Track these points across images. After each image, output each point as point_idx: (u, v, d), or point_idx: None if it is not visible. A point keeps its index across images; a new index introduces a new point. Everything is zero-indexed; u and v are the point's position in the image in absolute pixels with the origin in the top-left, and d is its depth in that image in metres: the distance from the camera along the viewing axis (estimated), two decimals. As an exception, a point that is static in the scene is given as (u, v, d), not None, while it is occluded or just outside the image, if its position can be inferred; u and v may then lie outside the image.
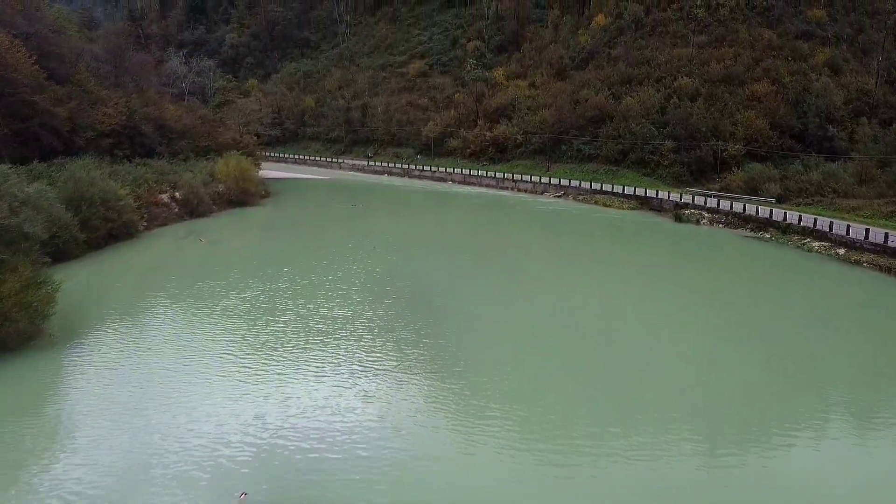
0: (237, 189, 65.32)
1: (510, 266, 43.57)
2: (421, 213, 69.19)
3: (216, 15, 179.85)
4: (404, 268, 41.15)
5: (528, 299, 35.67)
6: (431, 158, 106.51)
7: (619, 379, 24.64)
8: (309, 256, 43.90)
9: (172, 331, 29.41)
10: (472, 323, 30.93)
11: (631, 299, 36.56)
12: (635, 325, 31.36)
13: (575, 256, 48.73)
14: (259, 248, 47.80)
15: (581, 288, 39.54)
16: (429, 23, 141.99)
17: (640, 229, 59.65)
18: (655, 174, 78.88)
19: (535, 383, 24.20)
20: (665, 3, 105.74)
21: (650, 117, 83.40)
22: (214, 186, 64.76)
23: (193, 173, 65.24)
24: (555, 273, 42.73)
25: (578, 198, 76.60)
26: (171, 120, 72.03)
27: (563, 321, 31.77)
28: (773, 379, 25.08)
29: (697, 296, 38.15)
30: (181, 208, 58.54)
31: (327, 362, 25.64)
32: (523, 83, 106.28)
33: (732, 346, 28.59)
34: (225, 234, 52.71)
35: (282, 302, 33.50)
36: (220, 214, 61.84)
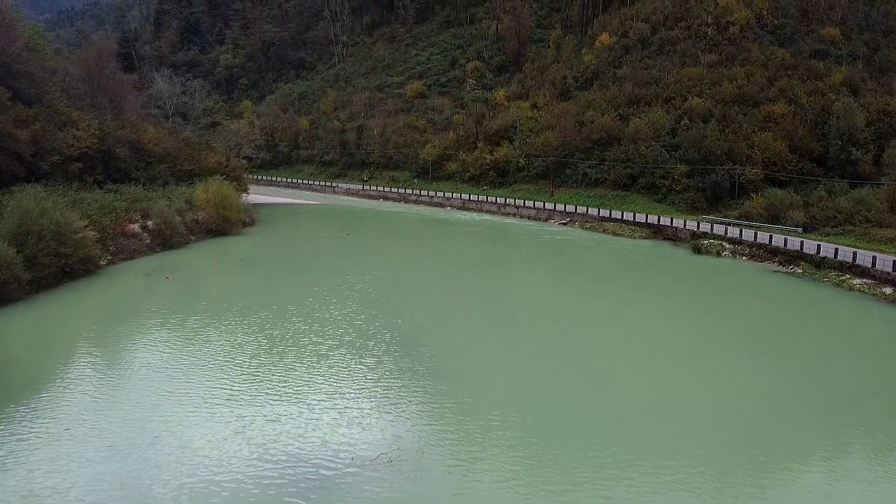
0: (217, 217, 60.27)
1: (514, 308, 38.39)
2: (417, 244, 64.06)
3: (211, 36, 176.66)
4: (396, 313, 35.92)
5: (536, 342, 31.16)
6: (429, 182, 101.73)
7: (628, 424, 22.86)
8: (287, 298, 38.67)
9: (111, 396, 24.15)
10: (472, 382, 25.73)
11: (649, 343, 32.22)
12: (652, 370, 28.22)
13: (586, 293, 43.55)
14: (232, 287, 42.48)
15: (594, 328, 35.05)
16: (427, 43, 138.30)
17: (656, 262, 54.50)
18: (667, 200, 73.92)
19: (542, 430, 22.25)
20: (672, 22, 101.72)
21: (660, 140, 78.73)
22: (192, 214, 59.75)
23: (171, 200, 60.36)
24: (565, 312, 37.63)
25: (586, 225, 71.56)
26: (149, 143, 67.21)
27: (575, 363, 28.91)
28: (802, 433, 22.53)
29: (722, 339, 33.31)
30: (153, 239, 53.43)
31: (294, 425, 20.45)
32: (525, 104, 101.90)
33: (762, 401, 25.01)
34: (197, 269, 47.47)
35: (242, 359, 28.24)
36: (197, 245, 56.68)
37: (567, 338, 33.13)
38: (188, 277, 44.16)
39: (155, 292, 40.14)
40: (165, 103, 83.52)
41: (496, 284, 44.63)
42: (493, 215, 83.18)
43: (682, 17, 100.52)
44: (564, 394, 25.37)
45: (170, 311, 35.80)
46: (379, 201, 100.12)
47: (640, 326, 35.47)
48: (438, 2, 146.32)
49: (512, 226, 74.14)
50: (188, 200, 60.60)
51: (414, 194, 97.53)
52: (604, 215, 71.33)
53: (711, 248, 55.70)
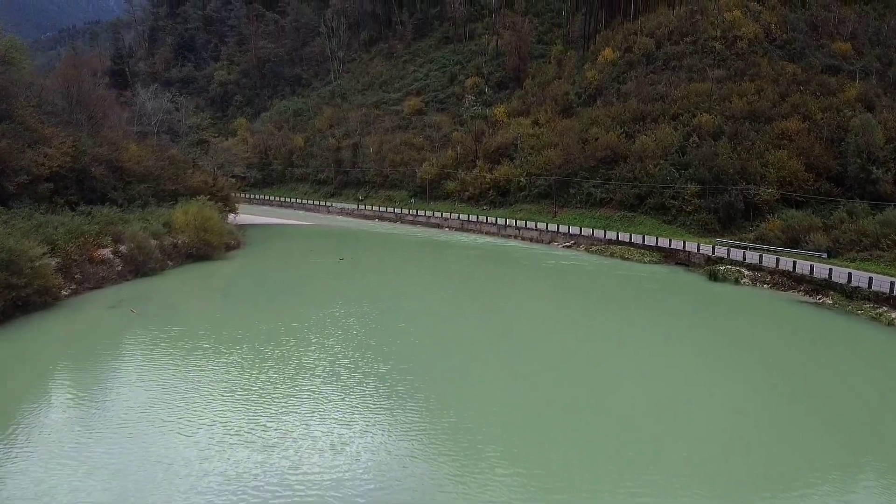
0: (197, 241, 56.18)
1: (521, 353, 34.23)
2: (412, 271, 59.86)
3: (206, 52, 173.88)
4: (383, 356, 31.78)
5: (545, 383, 27.85)
6: (426, 202, 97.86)
7: (640, 453, 21.89)
8: (263, 335, 34.53)
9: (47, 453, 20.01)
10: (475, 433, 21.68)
11: (666, 380, 29.20)
12: (670, 410, 26.05)
13: (597, 324, 39.35)
14: (201, 322, 38.23)
15: (607, 362, 31.55)
16: (425, 59, 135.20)
17: (670, 290, 50.38)
18: (677, 221, 69.97)
19: (549, 464, 21.12)
20: (677, 37, 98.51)
21: (669, 158, 74.98)
22: (170, 238, 55.71)
23: (149, 222, 56.39)
24: (576, 346, 33.56)
25: (591, 248, 67.53)
26: (129, 161, 63.34)
27: (590, 400, 27.00)
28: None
29: (746, 378, 29.50)
30: (125, 265, 49.32)
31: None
32: (526, 121, 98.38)
33: (784, 439, 23.09)
34: (167, 300, 43.27)
35: (206, 410, 24.10)
36: (174, 272, 52.54)
37: (579, 372, 29.57)
38: (155, 310, 39.95)
39: (115, 328, 35.94)
40: (151, 120, 79.81)
41: (499, 321, 40.39)
42: (492, 237, 79.18)
43: (688, 32, 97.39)
44: (577, 427, 24.03)
45: (124, 352, 31.67)
46: (374, 222, 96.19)
47: (656, 361, 31.66)
48: (437, 17, 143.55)
49: (513, 249, 70.09)
50: (166, 223, 56.59)
51: (410, 215, 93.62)
52: (610, 238, 67.32)
53: (729, 274, 51.61)
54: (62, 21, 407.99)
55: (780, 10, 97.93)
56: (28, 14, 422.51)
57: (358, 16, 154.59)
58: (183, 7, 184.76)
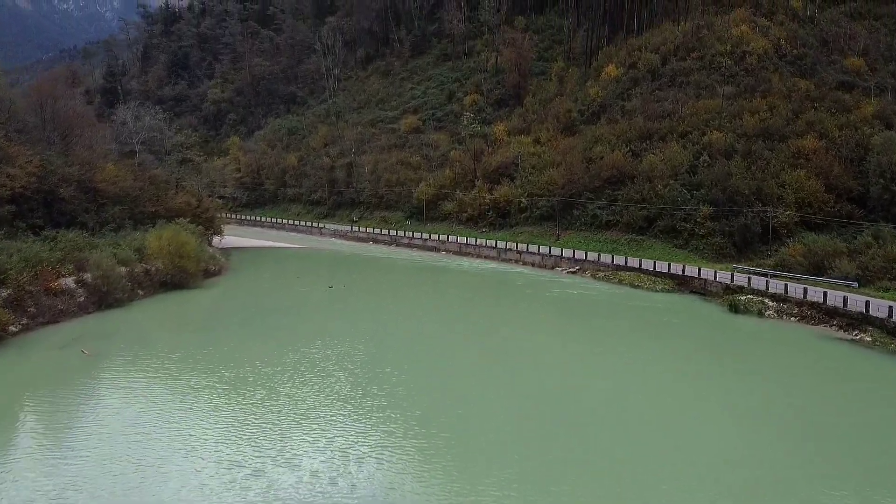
0: (172, 268, 51.74)
1: (527, 394, 29.72)
2: (406, 300, 55.18)
3: (199, 70, 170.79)
4: (365, 412, 27.25)
5: (557, 433, 24.09)
6: (423, 224, 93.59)
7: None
8: (228, 384, 30.00)
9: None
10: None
11: (691, 428, 25.69)
12: (695, 460, 23.10)
13: (611, 365, 34.77)
14: (156, 368, 33.40)
15: (622, 408, 27.29)
16: (423, 77, 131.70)
17: (688, 324, 45.87)
18: (690, 245, 65.62)
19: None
20: (683, 52, 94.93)
21: (679, 178, 70.84)
22: (142, 265, 51.29)
23: (121, 247, 52.05)
24: (587, 393, 28.98)
25: (598, 274, 63.08)
26: (102, 182, 59.13)
27: (601, 451, 23.86)
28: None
29: (782, 430, 25.51)
30: (88, 296, 44.87)
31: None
32: (527, 139, 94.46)
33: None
34: (129, 337, 38.58)
35: (157, 476, 19.58)
36: (144, 303, 48.03)
37: (596, 420, 25.94)
38: (112, 350, 35.33)
39: (57, 375, 31.28)
40: (132, 138, 75.84)
41: (503, 364, 35.71)
42: (492, 262, 74.74)
43: (694, 48, 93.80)
44: (597, 481, 21.56)
45: (60, 408, 27.09)
46: (368, 244, 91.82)
47: (679, 406, 27.33)
48: (435, 35, 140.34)
49: (515, 275, 65.60)
50: (139, 248, 52.19)
51: (406, 237, 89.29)
52: (618, 263, 62.89)
53: (751, 305, 47.10)
54: (63, 41, 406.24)
55: (788, 26, 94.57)
56: (30, 34, 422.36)
57: (355, 33, 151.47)
58: (177, 25, 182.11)
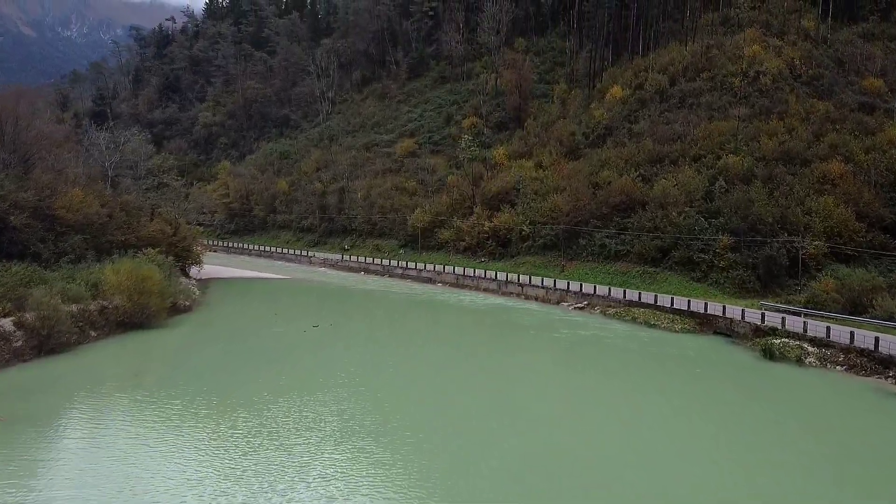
0: (131, 305, 45.91)
1: (544, 469, 23.74)
2: (398, 342, 48.98)
3: (191, 93, 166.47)
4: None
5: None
6: (418, 253, 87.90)
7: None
8: (176, 459, 24.06)
9: None
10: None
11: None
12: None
13: (640, 431, 28.82)
14: (95, 433, 27.69)
15: (660, 484, 20.61)
16: (420, 99, 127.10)
17: (716, 374, 39.95)
18: (709, 278, 59.87)
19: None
20: (692, 73, 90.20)
21: (694, 204, 65.37)
22: (99, 301, 45.45)
23: (76, 281, 46.28)
24: (613, 464, 23.02)
25: (609, 311, 57.22)
26: (62, 208, 53.56)
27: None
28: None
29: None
30: (27, 340, 39.00)
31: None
32: (528, 163, 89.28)
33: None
34: (64, 392, 32.56)
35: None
36: (94, 346, 42.07)
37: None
38: (35, 412, 29.36)
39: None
40: (104, 161, 70.52)
41: (513, 433, 29.85)
42: (492, 295, 68.89)
43: (704, 68, 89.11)
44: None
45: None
46: (360, 275, 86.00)
47: (728, 480, 21.11)
48: (433, 57, 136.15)
49: (517, 311, 59.74)
50: (96, 283, 46.39)
51: (400, 267, 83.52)
52: (631, 298, 57.05)
53: (788, 350, 41.19)
54: (66, 67, 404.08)
55: (802, 46, 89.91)
56: (33, 61, 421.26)
57: (351, 55, 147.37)
58: (170, 48, 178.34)
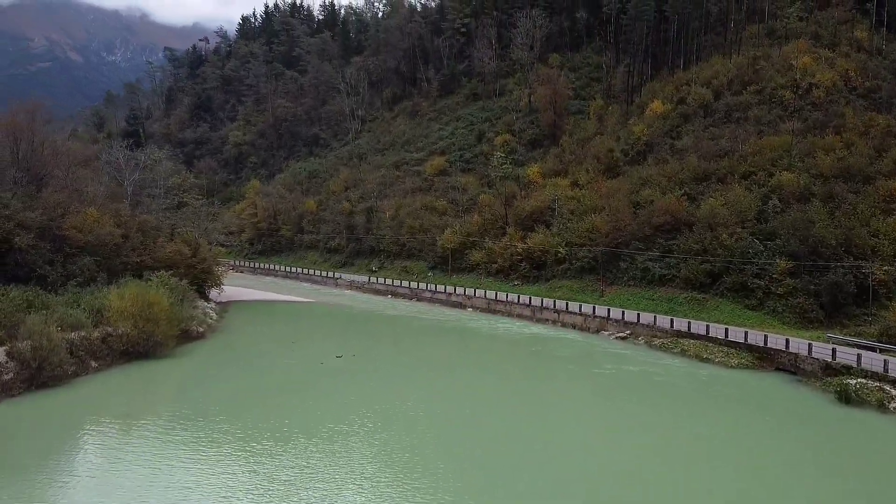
0: (137, 333, 42.68)
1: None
2: (423, 376, 44.88)
3: (223, 112, 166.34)
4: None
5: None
6: (448, 275, 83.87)
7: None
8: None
9: None
10: None
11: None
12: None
13: (703, 492, 24.21)
14: (69, 489, 24.07)
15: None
16: (452, 117, 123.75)
17: (786, 421, 34.87)
18: (765, 307, 54.57)
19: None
20: (738, 86, 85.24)
21: (747, 225, 60.28)
22: (102, 328, 42.33)
23: (80, 308, 43.32)
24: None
25: (654, 341, 52.28)
26: (71, 228, 50.94)
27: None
28: None
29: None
30: (19, 372, 35.85)
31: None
32: (564, 181, 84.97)
33: None
34: (46, 435, 29.15)
35: None
36: (96, 378, 38.85)
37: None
38: (15, 459, 25.90)
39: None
40: (123, 179, 68.31)
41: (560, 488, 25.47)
42: (526, 321, 64.36)
43: (751, 81, 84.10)
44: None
45: None
46: (387, 298, 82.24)
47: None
48: (465, 73, 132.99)
49: (554, 341, 55.18)
50: (100, 309, 43.33)
51: (428, 290, 79.52)
52: (679, 328, 52.04)
53: (867, 394, 35.94)
54: (105, 87, 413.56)
55: (856, 57, 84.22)
56: (79, 85, 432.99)
57: (381, 73, 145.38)
58: (202, 68, 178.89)
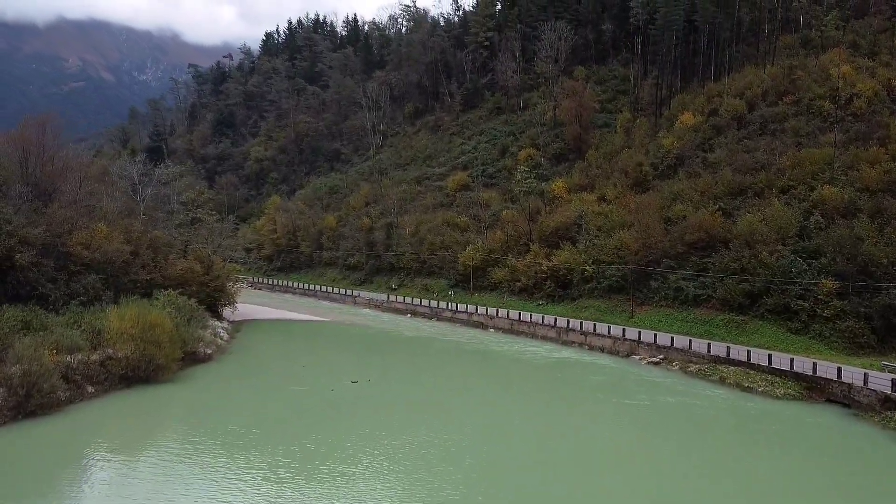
0: (138, 355, 40.25)
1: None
2: (441, 404, 41.75)
3: (245, 128, 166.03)
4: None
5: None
6: (469, 294, 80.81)
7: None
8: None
9: None
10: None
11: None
12: None
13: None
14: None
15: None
16: (475, 131, 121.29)
17: (847, 464, 31.17)
18: (810, 330, 50.60)
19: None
20: (774, 97, 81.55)
21: (788, 242, 56.47)
22: (100, 351, 39.99)
23: (79, 329, 41.10)
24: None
25: (690, 367, 48.60)
26: (76, 245, 48.97)
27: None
28: None
29: None
30: (8, 397, 33.54)
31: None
32: (590, 196, 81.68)
33: None
34: (19, 475, 26.69)
35: None
36: (91, 405, 36.40)
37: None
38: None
39: None
40: (137, 193, 66.68)
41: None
42: (551, 343, 60.97)
43: (787, 91, 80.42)
44: None
45: None
46: (406, 317, 79.34)
47: None
48: (488, 87, 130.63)
49: (580, 366, 51.73)
50: (99, 331, 41.05)
51: (449, 310, 76.46)
52: (717, 353, 48.29)
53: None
54: (129, 102, 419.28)
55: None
56: (110, 104, 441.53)
57: (403, 87, 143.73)
58: (226, 84, 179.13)
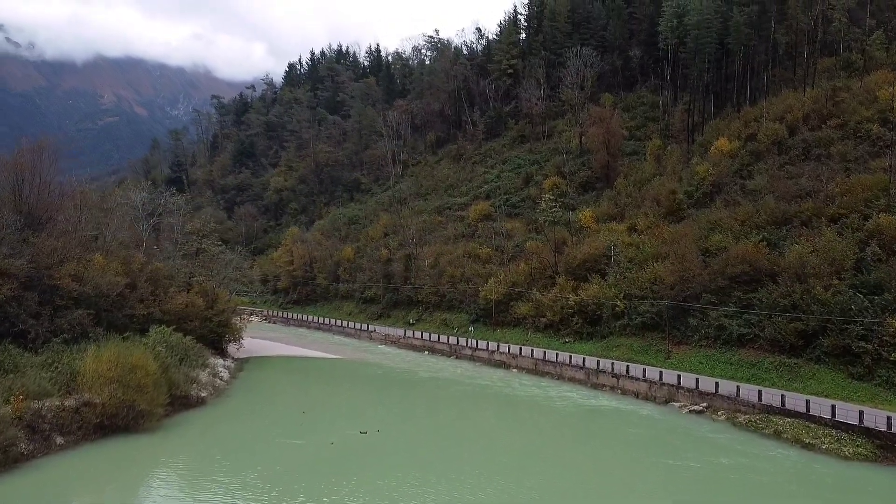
0: (115, 402, 36.01)
1: None
2: (462, 462, 36.55)
3: (265, 158, 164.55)
4: None
5: None
6: (491, 329, 75.76)
7: None
8: None
9: None
10: None
11: None
12: None
13: None
14: None
15: None
16: (498, 160, 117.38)
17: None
18: (876, 376, 44.62)
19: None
20: (816, 120, 76.34)
21: (844, 276, 50.82)
22: (74, 397, 35.83)
23: (54, 372, 37.09)
24: None
25: (738, 417, 42.91)
26: (63, 278, 45.33)
27: None
28: None
29: None
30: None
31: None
32: (620, 226, 76.57)
33: None
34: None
35: None
36: (56, 458, 32.08)
37: None
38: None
39: None
40: (141, 222, 63.56)
41: None
42: (580, 386, 55.59)
43: (831, 114, 75.19)
44: None
45: None
46: (424, 354, 74.49)
47: None
48: (512, 116, 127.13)
49: (614, 414, 46.31)
50: (75, 373, 36.97)
51: (469, 347, 71.43)
52: (769, 402, 42.59)
53: None
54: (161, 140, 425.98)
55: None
56: (142, 137, 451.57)
57: (425, 116, 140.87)
58: (247, 115, 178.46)
